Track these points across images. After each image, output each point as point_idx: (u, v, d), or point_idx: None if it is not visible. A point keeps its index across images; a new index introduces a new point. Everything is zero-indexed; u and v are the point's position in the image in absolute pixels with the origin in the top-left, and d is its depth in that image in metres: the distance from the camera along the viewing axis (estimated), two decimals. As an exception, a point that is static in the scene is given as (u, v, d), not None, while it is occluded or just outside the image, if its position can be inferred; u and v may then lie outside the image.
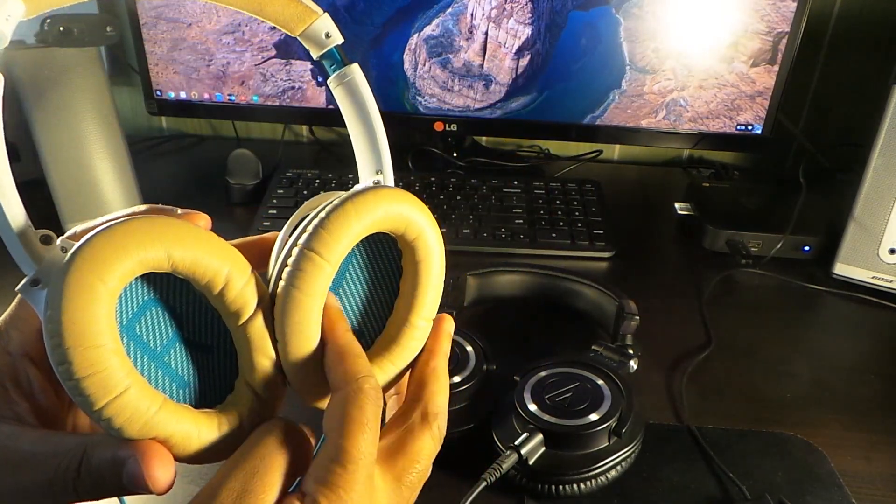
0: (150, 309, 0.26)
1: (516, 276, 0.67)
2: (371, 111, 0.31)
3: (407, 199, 0.29)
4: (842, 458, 0.51)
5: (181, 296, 0.27)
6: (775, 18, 0.79)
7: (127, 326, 0.25)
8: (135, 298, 0.26)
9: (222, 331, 0.28)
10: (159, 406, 0.24)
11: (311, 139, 1.11)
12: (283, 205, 0.83)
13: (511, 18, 0.83)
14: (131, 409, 0.23)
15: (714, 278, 0.74)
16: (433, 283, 0.30)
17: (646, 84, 0.85)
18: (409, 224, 0.29)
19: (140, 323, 0.26)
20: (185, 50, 0.88)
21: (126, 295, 0.25)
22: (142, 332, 0.26)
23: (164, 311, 0.27)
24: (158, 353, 0.26)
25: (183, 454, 0.25)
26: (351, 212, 0.27)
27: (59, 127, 0.75)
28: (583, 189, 0.88)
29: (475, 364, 0.53)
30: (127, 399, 0.23)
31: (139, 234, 0.23)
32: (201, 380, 0.28)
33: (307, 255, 0.27)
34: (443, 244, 0.31)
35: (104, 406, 0.23)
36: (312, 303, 0.27)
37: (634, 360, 0.54)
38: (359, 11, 0.85)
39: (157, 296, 0.26)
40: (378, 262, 0.31)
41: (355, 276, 0.31)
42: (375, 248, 0.31)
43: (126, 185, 0.80)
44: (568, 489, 0.46)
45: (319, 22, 0.30)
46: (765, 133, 0.86)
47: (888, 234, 0.70)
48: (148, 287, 0.26)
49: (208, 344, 0.28)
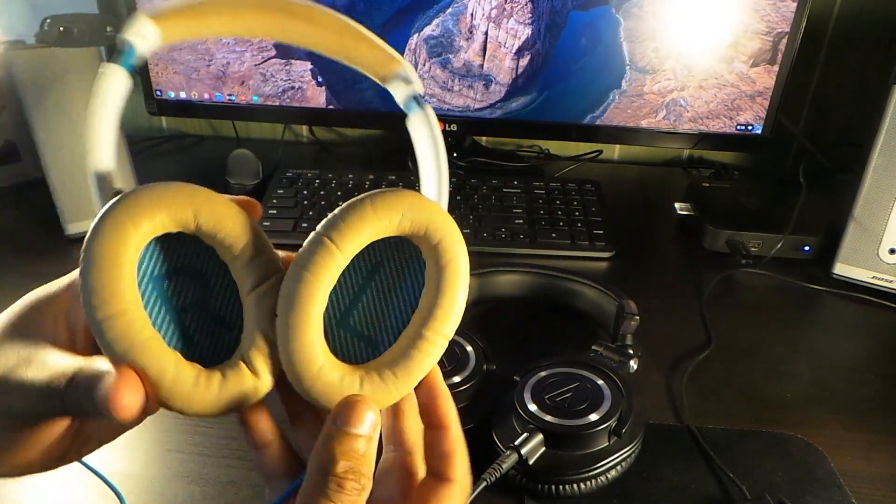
0: (179, 273, 0.28)
1: (516, 276, 0.67)
2: (440, 150, 0.33)
3: (429, 205, 0.29)
4: (842, 458, 0.51)
5: (208, 265, 0.29)
6: (775, 18, 0.79)
7: (156, 278, 0.28)
8: (166, 257, 0.28)
9: (238, 305, 0.29)
10: (148, 336, 0.26)
11: (310, 139, 1.11)
12: (283, 205, 0.83)
13: (511, 18, 0.83)
14: (123, 328, 0.25)
15: (714, 278, 0.74)
16: (451, 294, 0.29)
17: (646, 84, 0.85)
18: (429, 227, 0.29)
19: (168, 281, 0.28)
20: (185, 50, 0.88)
21: (159, 249, 0.28)
22: (167, 289, 0.28)
23: (191, 277, 0.29)
24: (176, 312, 0.28)
25: (154, 391, 0.26)
26: (368, 207, 0.28)
27: (59, 127, 0.75)
28: (583, 189, 0.88)
29: (475, 364, 0.53)
30: (123, 318, 0.25)
31: (173, 193, 0.27)
32: (207, 346, 0.29)
33: (321, 241, 0.27)
34: (467, 257, 0.30)
35: (102, 318, 0.25)
36: (317, 285, 0.27)
37: (634, 360, 0.54)
38: (358, 11, 0.85)
39: (187, 261, 0.29)
40: (403, 273, 0.30)
41: (379, 284, 0.30)
42: (402, 259, 0.30)
43: (126, 185, 0.80)
44: (568, 489, 0.46)
45: (401, 69, 0.33)
46: (765, 133, 0.86)
47: (888, 234, 0.70)
48: (179, 251, 0.28)
49: (222, 315, 0.29)
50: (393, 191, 0.29)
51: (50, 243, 0.78)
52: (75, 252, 0.77)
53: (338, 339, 0.29)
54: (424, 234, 0.29)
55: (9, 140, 0.89)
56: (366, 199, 0.28)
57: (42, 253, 0.76)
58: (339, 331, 0.29)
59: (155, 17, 0.28)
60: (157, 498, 0.47)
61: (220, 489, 0.47)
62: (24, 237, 0.80)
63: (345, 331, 0.29)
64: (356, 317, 0.30)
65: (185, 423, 0.53)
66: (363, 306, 0.30)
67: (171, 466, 0.49)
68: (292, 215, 0.81)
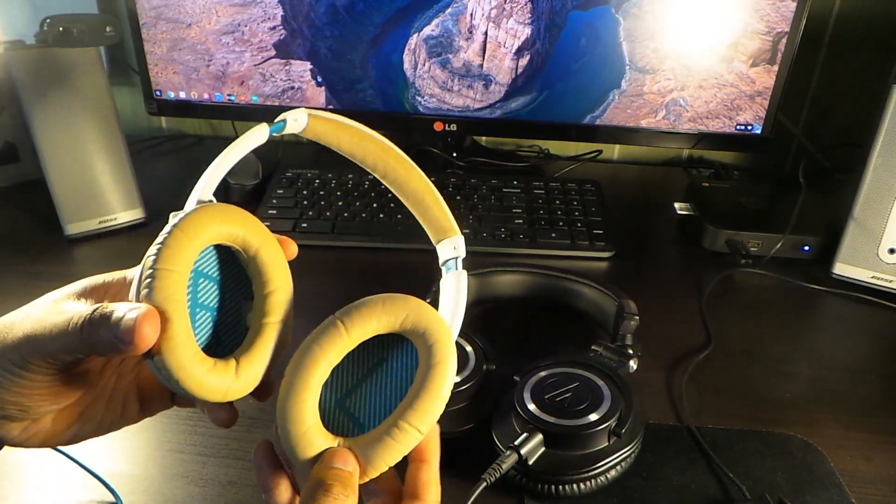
0: (212, 277, 0.34)
1: (516, 276, 0.67)
2: (461, 305, 0.35)
3: (431, 312, 0.33)
4: (842, 458, 0.51)
5: (238, 284, 0.35)
6: (775, 18, 0.79)
7: (198, 272, 0.33)
8: (213, 261, 0.34)
9: (244, 326, 0.34)
10: (182, 305, 0.30)
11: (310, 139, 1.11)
12: (283, 205, 0.83)
13: (511, 18, 0.83)
14: (172, 281, 0.30)
15: (714, 278, 0.74)
16: (434, 393, 0.31)
17: (645, 84, 0.85)
18: (427, 329, 0.32)
19: (204, 279, 0.33)
20: (185, 50, 0.88)
21: (212, 252, 0.34)
22: (199, 284, 0.33)
23: (217, 284, 0.34)
24: (195, 304, 0.32)
25: (162, 342, 0.29)
26: (379, 303, 0.33)
27: (58, 127, 0.75)
28: (582, 189, 0.88)
29: (475, 364, 0.53)
30: (175, 275, 0.30)
31: (235, 214, 0.34)
32: (223, 343, 0.34)
33: (334, 322, 0.32)
34: (455, 360, 0.32)
35: (160, 268, 0.30)
36: (321, 357, 0.32)
37: (634, 360, 0.54)
38: (358, 11, 0.85)
39: (221, 271, 0.34)
40: (400, 372, 0.33)
41: (378, 378, 0.33)
42: (403, 361, 0.33)
43: (126, 185, 0.80)
44: (568, 489, 0.46)
45: (458, 238, 0.38)
46: (764, 133, 0.86)
47: (888, 234, 0.70)
48: (222, 260, 0.34)
49: (226, 328, 0.34)
50: (403, 296, 0.33)
51: (49, 243, 0.78)
52: (75, 252, 0.77)
53: (331, 413, 0.32)
54: (423, 335, 0.32)
55: (8, 140, 0.89)
56: (379, 297, 0.33)
57: (41, 253, 0.76)
58: (335, 408, 0.32)
59: (311, 114, 0.37)
60: (157, 498, 0.47)
61: (220, 489, 0.47)
62: (23, 237, 0.80)
63: (339, 409, 0.32)
64: (352, 401, 0.32)
65: (185, 423, 0.53)
66: (360, 394, 0.32)
67: (171, 466, 0.49)
68: (292, 215, 0.81)
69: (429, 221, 0.39)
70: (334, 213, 0.82)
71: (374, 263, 0.76)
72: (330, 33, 0.86)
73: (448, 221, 0.39)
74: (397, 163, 0.39)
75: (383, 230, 0.79)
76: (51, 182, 0.76)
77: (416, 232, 0.87)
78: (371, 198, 0.84)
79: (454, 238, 0.38)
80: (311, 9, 0.85)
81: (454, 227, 0.38)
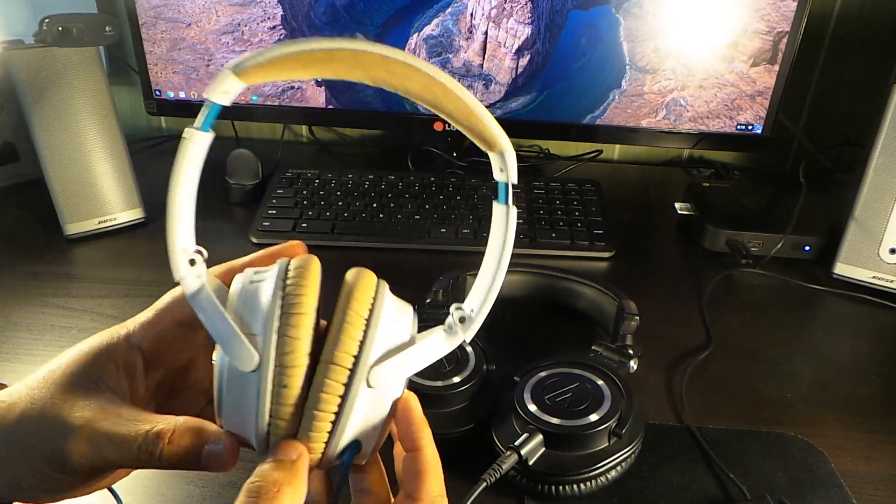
0: None
1: (516, 276, 0.67)
2: (508, 246, 0.34)
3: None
4: (842, 458, 0.51)
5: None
6: (775, 18, 0.79)
7: None
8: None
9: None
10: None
11: (310, 139, 1.11)
12: (283, 205, 0.83)
13: (511, 18, 0.83)
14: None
15: (714, 278, 0.74)
16: (337, 320, 0.31)
17: (646, 84, 0.85)
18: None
19: None
20: (185, 50, 0.88)
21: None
22: None
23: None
24: None
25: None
26: None
27: (58, 127, 0.75)
28: (582, 189, 0.88)
29: (475, 364, 0.53)
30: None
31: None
32: None
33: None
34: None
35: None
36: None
37: (634, 361, 0.54)
38: (358, 11, 0.85)
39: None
40: None
41: None
42: None
43: (125, 185, 0.80)
44: (568, 489, 0.46)
45: (507, 154, 0.32)
46: (765, 133, 0.86)
47: (888, 234, 0.70)
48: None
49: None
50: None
51: (49, 243, 0.78)
52: (75, 252, 0.77)
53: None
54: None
55: (7, 140, 0.89)
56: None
57: (41, 253, 0.76)
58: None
59: (238, 73, 0.30)
60: (157, 498, 0.47)
61: (220, 489, 0.47)
62: (22, 237, 0.80)
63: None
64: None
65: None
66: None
67: (170, 467, 0.49)
68: (292, 215, 0.81)
69: (477, 132, 0.32)
70: (334, 213, 0.82)
71: (374, 263, 0.76)
72: (330, 33, 0.86)
73: (496, 132, 0.32)
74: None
75: (383, 230, 0.79)
76: (50, 182, 0.76)
77: (417, 232, 0.87)
78: (371, 198, 0.84)
79: (506, 153, 0.33)
80: (310, 8, 0.85)
81: (501, 138, 0.32)
